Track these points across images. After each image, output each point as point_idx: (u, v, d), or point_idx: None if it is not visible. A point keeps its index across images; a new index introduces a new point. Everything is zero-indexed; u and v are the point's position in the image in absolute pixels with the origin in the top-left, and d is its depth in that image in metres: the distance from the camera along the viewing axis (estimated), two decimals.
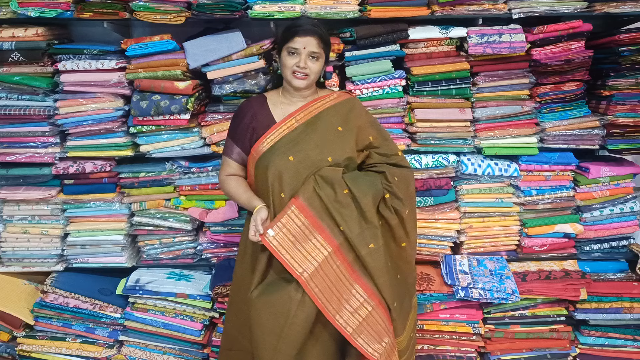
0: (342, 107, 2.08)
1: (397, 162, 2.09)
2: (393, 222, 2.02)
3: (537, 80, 2.54)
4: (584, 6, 2.43)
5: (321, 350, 1.97)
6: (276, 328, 1.89)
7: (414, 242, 2.16)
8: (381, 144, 2.10)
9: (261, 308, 1.92)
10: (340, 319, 1.91)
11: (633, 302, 2.57)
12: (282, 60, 2.01)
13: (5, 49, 2.37)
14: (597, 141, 2.60)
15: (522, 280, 2.55)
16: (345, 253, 1.94)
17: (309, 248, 1.91)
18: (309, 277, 1.88)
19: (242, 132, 2.05)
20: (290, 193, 1.93)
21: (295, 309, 1.88)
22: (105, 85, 2.41)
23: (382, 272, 1.95)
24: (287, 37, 1.97)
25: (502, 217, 2.64)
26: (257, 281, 1.96)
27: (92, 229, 2.58)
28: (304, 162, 1.95)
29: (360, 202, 1.93)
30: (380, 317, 1.95)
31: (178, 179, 2.56)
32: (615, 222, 2.67)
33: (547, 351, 2.62)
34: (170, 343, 2.57)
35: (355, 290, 1.94)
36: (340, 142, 2.01)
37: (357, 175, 2.01)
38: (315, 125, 2.02)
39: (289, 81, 2.02)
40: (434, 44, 2.49)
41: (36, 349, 2.53)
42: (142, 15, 2.33)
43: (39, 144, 2.47)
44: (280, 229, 1.90)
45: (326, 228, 1.92)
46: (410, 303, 2.15)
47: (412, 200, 2.11)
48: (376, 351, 1.94)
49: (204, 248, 2.65)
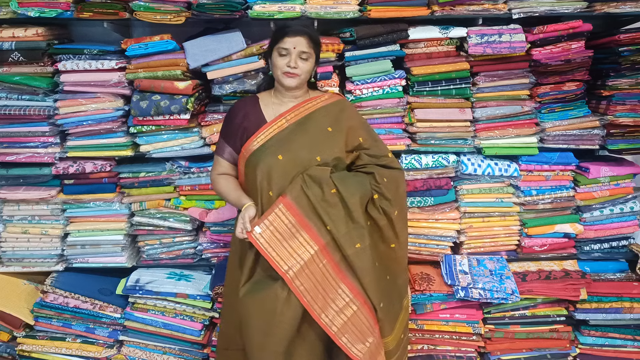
0: (332, 108, 2.11)
1: (387, 163, 2.11)
2: (382, 223, 2.03)
3: (537, 80, 2.54)
4: (584, 6, 2.43)
5: (309, 348, 1.99)
6: (263, 326, 1.91)
7: (404, 243, 2.17)
8: (371, 145, 2.12)
9: (248, 306, 1.94)
10: (325, 317, 1.93)
11: (633, 302, 2.57)
12: (273, 61, 2.05)
13: (5, 49, 2.37)
14: (597, 141, 2.60)
15: (522, 280, 2.55)
16: (332, 252, 1.95)
17: (296, 246, 1.92)
18: (294, 275, 1.90)
19: (233, 131, 2.08)
20: (279, 191, 1.96)
21: (282, 307, 1.90)
22: (105, 85, 2.41)
23: (368, 272, 1.96)
24: (277, 38, 2.01)
25: (502, 217, 2.64)
26: (244, 279, 1.98)
27: (92, 229, 2.58)
28: (293, 161, 1.97)
29: (347, 202, 1.95)
30: (365, 317, 1.97)
31: (178, 179, 2.56)
32: (615, 222, 2.67)
33: (547, 351, 2.62)
34: (170, 343, 2.58)
35: (341, 289, 1.95)
36: (329, 143, 2.03)
37: (345, 175, 2.03)
38: (305, 125, 2.04)
39: (280, 81, 2.05)
40: (434, 44, 2.49)
41: (36, 349, 2.53)
42: (142, 15, 2.33)
43: (39, 144, 2.47)
44: (268, 227, 1.92)
45: (313, 227, 1.94)
46: (400, 304, 2.16)
47: (401, 202, 2.13)
48: (360, 351, 1.96)
49: (204, 248, 2.65)
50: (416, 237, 2.63)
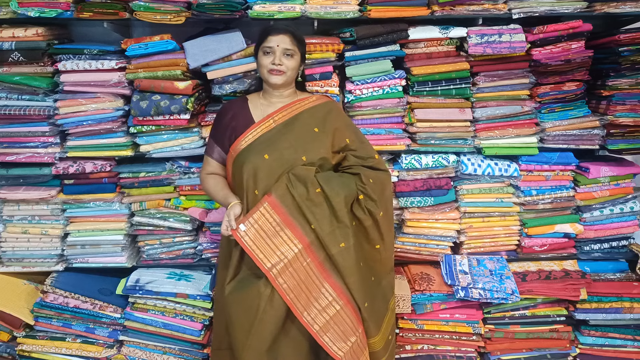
0: (320, 109, 2.14)
1: (373, 164, 2.14)
2: (367, 224, 2.05)
3: (537, 80, 2.53)
4: (584, 6, 2.43)
5: (294, 346, 2.00)
6: (246, 324, 1.92)
7: (390, 244, 2.18)
8: (358, 146, 2.15)
9: (233, 304, 1.95)
10: (307, 316, 1.94)
11: (633, 302, 2.57)
12: (258, 61, 2.10)
13: (5, 49, 2.37)
14: (597, 141, 2.60)
15: (522, 280, 2.55)
16: (316, 251, 1.97)
17: (280, 244, 1.94)
18: (277, 272, 1.92)
19: (222, 131, 2.13)
20: (264, 190, 1.98)
21: (265, 305, 1.91)
22: (105, 85, 2.41)
23: (352, 271, 1.97)
24: (262, 38, 2.07)
25: (502, 217, 2.64)
26: (230, 277, 2.00)
27: (92, 229, 2.58)
28: (279, 161, 1.99)
29: (332, 201, 1.97)
30: (348, 316, 1.98)
31: (178, 179, 2.56)
32: (615, 222, 2.67)
33: (547, 351, 2.62)
34: (170, 343, 2.57)
35: (325, 288, 1.97)
36: (315, 143, 2.05)
37: (330, 175, 2.05)
38: (292, 125, 2.07)
39: (266, 80, 2.09)
40: (434, 44, 2.49)
41: (36, 349, 2.53)
42: (142, 15, 2.33)
43: (39, 144, 2.47)
44: (252, 225, 1.94)
45: (297, 225, 1.96)
46: (386, 305, 2.17)
47: (387, 203, 2.15)
48: (340, 350, 1.97)
49: (204, 248, 2.65)
50: (416, 237, 2.64)
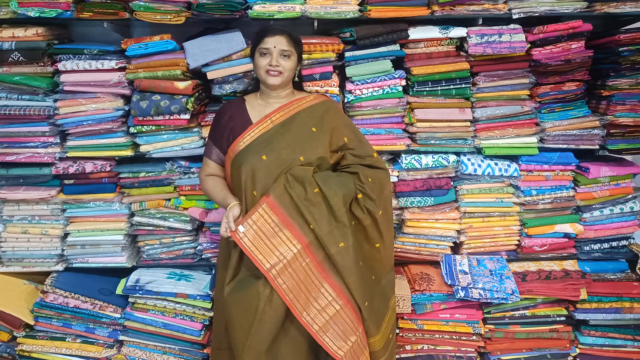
0: (317, 109, 2.14)
1: (372, 163, 2.13)
2: (366, 223, 2.05)
3: (537, 80, 2.53)
4: (584, 6, 2.43)
5: (293, 347, 2.00)
6: (245, 324, 1.92)
7: (389, 243, 2.18)
8: (356, 145, 2.15)
9: (232, 305, 1.95)
10: (307, 316, 1.94)
11: (633, 302, 2.57)
12: (255, 62, 2.10)
13: (5, 49, 2.37)
14: (597, 141, 2.60)
15: (522, 280, 2.55)
16: (315, 251, 1.97)
17: (279, 245, 1.94)
18: (277, 273, 1.91)
19: (220, 133, 2.13)
20: (262, 191, 1.98)
21: (264, 305, 1.91)
22: (105, 85, 2.41)
23: (351, 271, 1.97)
24: (258, 40, 2.07)
25: (502, 217, 2.64)
26: (229, 278, 2.00)
27: (92, 229, 2.58)
28: (277, 161, 1.99)
29: (330, 201, 1.97)
30: (348, 316, 1.98)
31: (178, 179, 2.56)
32: (615, 222, 2.67)
33: (547, 351, 2.62)
34: (170, 343, 2.57)
35: (324, 288, 1.97)
36: (313, 143, 2.05)
37: (328, 175, 2.05)
38: (289, 125, 2.07)
39: (263, 81, 2.09)
40: (434, 44, 2.49)
41: (36, 349, 2.53)
42: (142, 15, 2.33)
43: (39, 144, 2.46)
44: (251, 226, 1.94)
45: (296, 226, 1.96)
46: (386, 304, 2.17)
47: (386, 202, 2.14)
48: (341, 349, 1.97)
49: (204, 248, 2.65)
50: (416, 237, 2.64)
